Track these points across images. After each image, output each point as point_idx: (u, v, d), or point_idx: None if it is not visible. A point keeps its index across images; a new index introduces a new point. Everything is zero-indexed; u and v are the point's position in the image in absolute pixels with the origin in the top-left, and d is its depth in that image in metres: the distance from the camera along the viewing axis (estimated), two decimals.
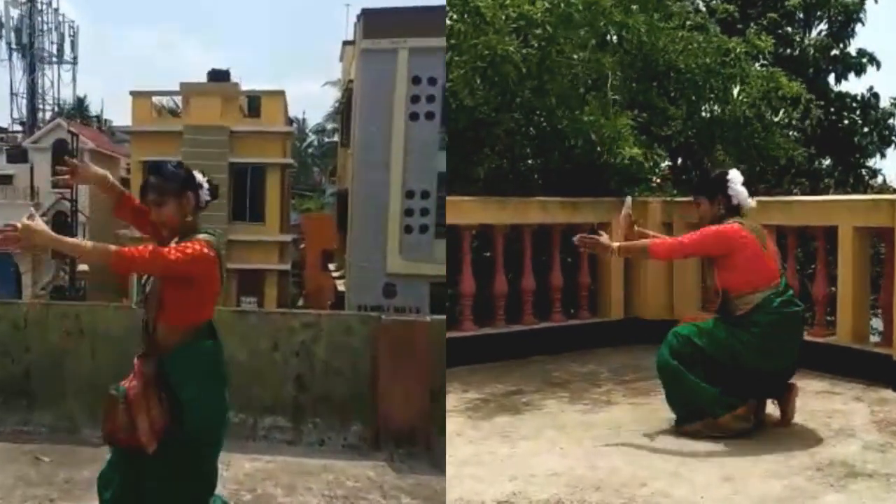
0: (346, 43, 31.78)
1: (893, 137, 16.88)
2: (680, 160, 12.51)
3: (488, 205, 8.27)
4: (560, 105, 9.12)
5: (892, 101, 16.83)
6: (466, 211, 8.10)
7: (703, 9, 11.67)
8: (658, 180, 10.78)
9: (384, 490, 5.54)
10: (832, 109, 16.20)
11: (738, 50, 10.41)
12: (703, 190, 6.02)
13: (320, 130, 44.79)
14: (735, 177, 5.89)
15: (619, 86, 9.54)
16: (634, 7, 9.53)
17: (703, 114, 10.77)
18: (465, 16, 8.69)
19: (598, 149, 9.16)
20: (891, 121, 16.78)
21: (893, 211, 6.96)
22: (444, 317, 7.10)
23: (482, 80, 8.85)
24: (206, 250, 3.66)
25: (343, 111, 31.08)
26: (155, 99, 33.02)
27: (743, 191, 5.85)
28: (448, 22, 8.82)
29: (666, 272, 8.82)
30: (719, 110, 10.55)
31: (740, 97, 10.39)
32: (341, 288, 28.06)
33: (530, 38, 8.82)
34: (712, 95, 10.55)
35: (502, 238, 8.30)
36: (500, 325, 8.23)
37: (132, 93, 31.86)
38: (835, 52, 16.30)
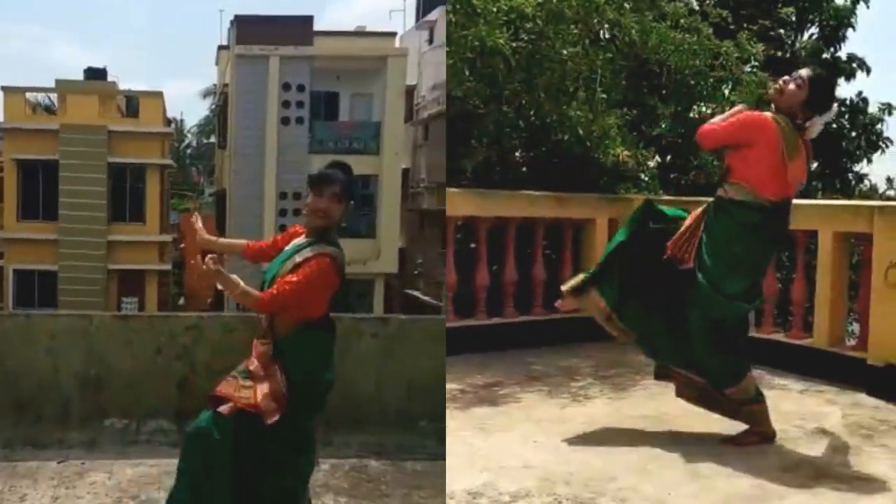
0: (220, 47, 32.44)
1: (881, 143, 16.94)
2: (669, 158, 12.56)
3: (473, 196, 8.29)
4: (548, 99, 9.16)
5: (880, 106, 16.89)
6: (452, 202, 8.11)
7: (697, 8, 11.68)
8: (648, 179, 10.80)
9: None
10: None
11: (730, 54, 10.46)
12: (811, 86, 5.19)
13: (198, 132, 44.95)
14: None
15: (610, 83, 9.57)
16: (627, 5, 9.57)
17: (692, 114, 10.82)
18: (458, 6, 8.72)
19: (588, 144, 9.21)
20: (879, 126, 16.84)
21: (873, 218, 7.01)
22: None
23: (471, 72, 8.87)
24: (324, 267, 3.99)
25: (219, 113, 31.82)
26: (28, 95, 31.85)
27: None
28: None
29: None
30: (709, 111, 10.59)
31: (731, 97, 10.43)
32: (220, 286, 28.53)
33: (521, 31, 8.84)
34: (703, 94, 10.60)
35: (486, 230, 8.33)
36: (482, 318, 8.27)
37: (3, 88, 30.61)
38: (825, 56, 16.34)
